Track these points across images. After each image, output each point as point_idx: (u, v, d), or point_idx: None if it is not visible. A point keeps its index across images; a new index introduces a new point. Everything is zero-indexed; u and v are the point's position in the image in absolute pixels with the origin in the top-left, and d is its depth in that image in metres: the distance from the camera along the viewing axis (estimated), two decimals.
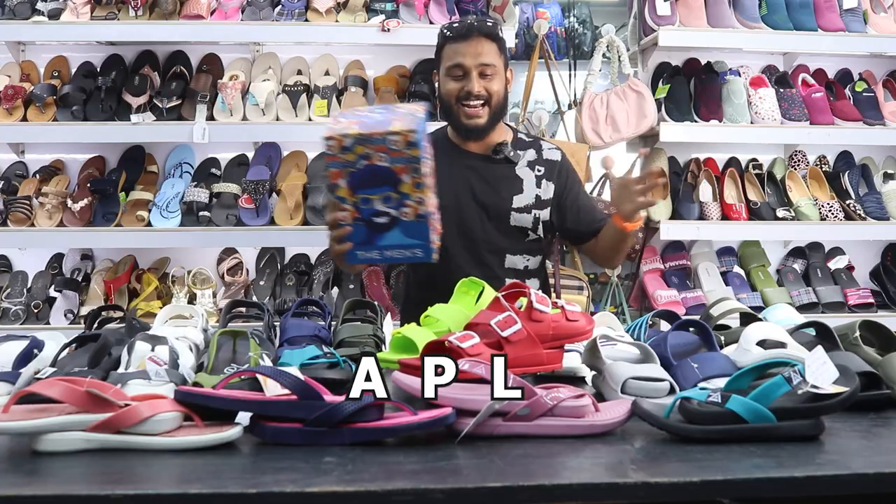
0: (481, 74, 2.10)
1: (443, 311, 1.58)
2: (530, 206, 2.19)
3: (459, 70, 2.11)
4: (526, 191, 2.20)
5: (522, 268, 2.22)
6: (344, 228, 1.73)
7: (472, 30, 2.12)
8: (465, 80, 2.11)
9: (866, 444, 1.18)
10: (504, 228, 2.18)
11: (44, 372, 1.37)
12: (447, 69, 2.14)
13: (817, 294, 3.25)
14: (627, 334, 1.71)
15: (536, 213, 2.20)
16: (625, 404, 1.25)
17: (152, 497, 0.97)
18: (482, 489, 1.00)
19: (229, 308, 1.84)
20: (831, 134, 3.23)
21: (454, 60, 2.12)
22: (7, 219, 2.97)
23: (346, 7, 3.08)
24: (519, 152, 2.23)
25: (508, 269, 2.20)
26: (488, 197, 2.18)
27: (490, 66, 2.11)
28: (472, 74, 2.10)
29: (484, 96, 2.11)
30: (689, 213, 3.17)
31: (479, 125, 2.13)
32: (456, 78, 2.13)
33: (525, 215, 2.19)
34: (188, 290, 3.06)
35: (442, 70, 2.17)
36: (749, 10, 3.24)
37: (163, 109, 3.03)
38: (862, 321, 1.57)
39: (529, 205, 2.19)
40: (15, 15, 3.01)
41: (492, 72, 2.11)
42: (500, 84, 2.14)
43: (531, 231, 2.20)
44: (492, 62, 2.11)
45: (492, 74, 2.11)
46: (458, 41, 2.12)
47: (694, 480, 1.02)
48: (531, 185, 2.20)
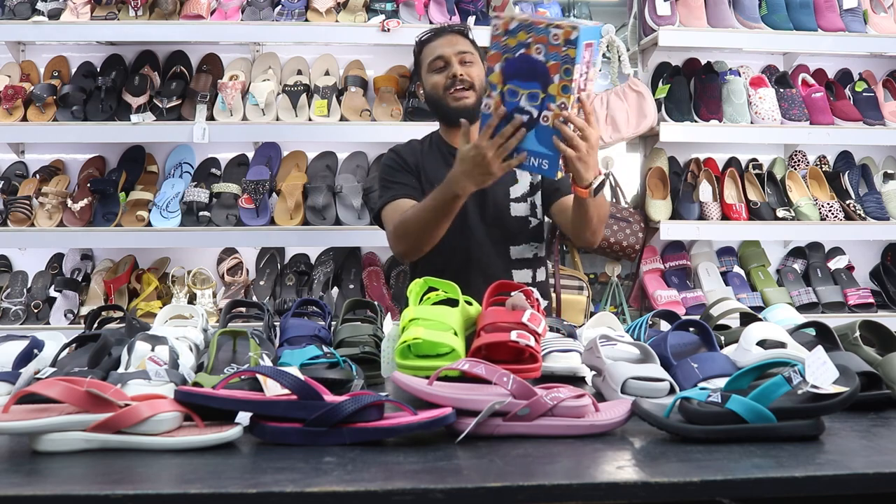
0: (462, 61, 2.16)
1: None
2: (525, 194, 2.23)
3: (440, 61, 2.17)
4: (521, 180, 2.24)
5: (532, 255, 2.25)
6: (493, 120, 1.66)
7: (443, 29, 2.24)
8: (447, 68, 2.16)
9: (866, 444, 1.17)
10: (505, 221, 2.22)
11: (44, 372, 1.37)
12: (429, 65, 2.20)
13: (817, 294, 3.25)
14: (627, 334, 1.71)
15: (531, 200, 2.24)
16: (625, 404, 1.25)
17: (152, 497, 0.97)
18: (482, 489, 1.00)
19: (229, 308, 1.84)
20: (831, 134, 3.23)
21: (434, 55, 2.19)
22: (7, 219, 2.97)
23: (346, 7, 3.08)
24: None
25: (518, 260, 2.23)
26: (486, 192, 2.19)
27: (468, 52, 2.18)
28: (453, 60, 2.16)
29: (468, 80, 2.16)
30: (689, 213, 3.17)
31: (468, 105, 2.16)
32: (438, 70, 2.18)
33: (522, 204, 2.23)
34: (188, 290, 3.06)
35: (424, 71, 2.23)
36: (749, 10, 3.24)
37: (163, 109, 3.03)
38: (862, 321, 1.57)
39: (525, 193, 2.23)
40: (15, 15, 3.02)
41: (471, 59, 2.18)
42: (479, 71, 2.19)
43: (531, 217, 2.24)
44: (468, 50, 2.18)
45: (471, 62, 2.18)
46: (433, 40, 2.21)
47: (694, 480, 1.02)
48: (524, 173, 2.23)
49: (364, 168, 3.23)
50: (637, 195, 3.36)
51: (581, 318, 2.79)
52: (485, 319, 1.52)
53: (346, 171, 3.18)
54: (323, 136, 3.10)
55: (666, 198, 3.21)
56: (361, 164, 3.23)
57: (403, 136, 2.82)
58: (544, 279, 2.31)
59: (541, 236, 2.28)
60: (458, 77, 2.14)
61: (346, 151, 3.28)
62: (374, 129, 3.05)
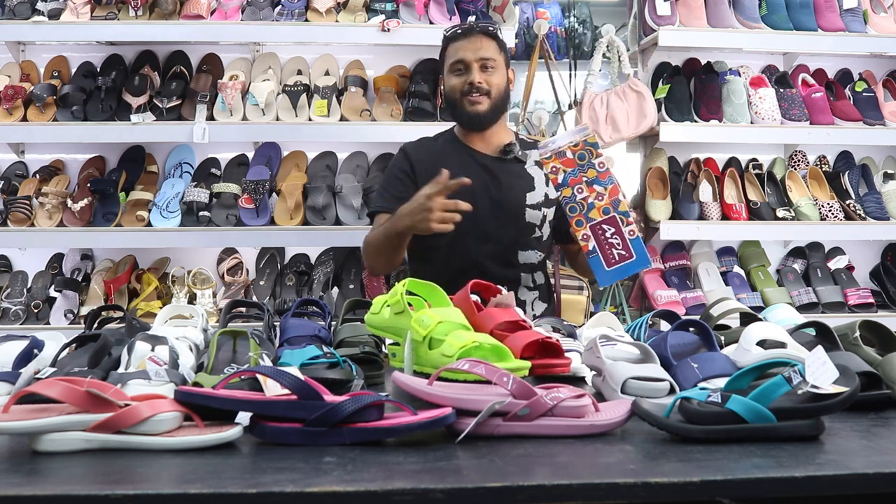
0: (482, 67, 2.18)
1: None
2: (540, 203, 2.25)
3: (461, 65, 2.20)
4: (537, 188, 2.26)
5: (537, 261, 2.28)
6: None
7: (471, 29, 2.23)
8: (466, 73, 2.19)
9: (866, 444, 1.17)
10: (519, 224, 2.23)
11: (44, 372, 1.36)
12: (450, 66, 2.22)
13: (817, 294, 3.25)
14: (627, 334, 1.71)
15: (544, 211, 2.26)
16: (625, 404, 1.25)
17: (152, 497, 0.97)
18: (482, 489, 1.00)
19: (229, 308, 1.84)
20: (831, 134, 3.23)
21: (456, 57, 2.20)
22: (7, 219, 2.97)
23: (346, 7, 3.08)
24: (526, 152, 2.28)
25: (524, 265, 2.25)
26: (503, 194, 2.22)
27: (490, 59, 2.19)
28: (474, 67, 2.17)
29: (485, 88, 2.18)
30: (689, 213, 3.17)
31: (480, 112, 2.19)
32: (458, 73, 2.20)
33: (536, 212, 2.25)
34: (188, 290, 3.06)
35: (445, 70, 2.25)
36: (749, 10, 3.24)
37: (163, 109, 3.03)
38: (862, 321, 1.57)
39: (540, 202, 2.25)
40: (15, 15, 3.01)
41: (492, 65, 2.19)
42: (500, 78, 2.20)
43: (538, 228, 2.25)
44: (491, 56, 2.19)
45: (492, 68, 2.19)
46: (459, 39, 2.21)
47: (694, 480, 1.02)
48: (541, 184, 2.27)
49: (364, 168, 3.23)
50: (637, 195, 3.36)
51: (581, 318, 2.80)
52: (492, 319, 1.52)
53: (346, 171, 3.18)
54: (323, 136, 3.10)
55: (666, 198, 3.21)
56: (361, 164, 3.23)
57: (403, 136, 2.83)
58: (544, 282, 2.32)
59: (544, 247, 2.30)
60: (476, 85, 2.16)
61: (346, 151, 3.28)
62: (374, 129, 3.05)
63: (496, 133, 2.28)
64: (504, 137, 2.30)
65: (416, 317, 1.45)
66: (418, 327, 1.42)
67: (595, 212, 1.77)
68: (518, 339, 1.43)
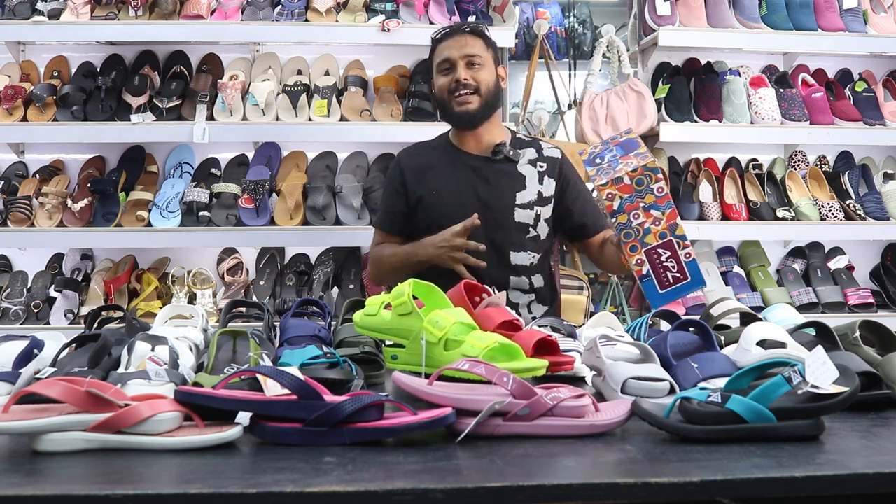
0: (468, 64, 2.18)
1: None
2: (532, 202, 2.22)
3: (447, 64, 2.20)
4: (529, 187, 2.23)
5: (528, 264, 2.23)
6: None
7: (456, 28, 2.24)
8: (453, 71, 2.18)
9: (866, 444, 1.17)
10: (509, 225, 2.21)
11: (44, 372, 1.36)
12: (437, 67, 2.23)
13: (817, 294, 3.25)
14: (627, 334, 1.71)
15: (538, 210, 2.22)
16: (625, 404, 1.25)
17: (152, 497, 0.97)
18: (482, 489, 1.00)
19: (229, 308, 1.84)
20: (831, 134, 3.23)
21: (441, 56, 2.21)
22: (7, 219, 2.97)
23: (346, 7, 3.08)
24: (519, 151, 2.27)
25: (516, 266, 2.22)
26: (491, 195, 2.20)
27: (475, 56, 2.18)
28: (459, 64, 2.17)
29: (472, 85, 2.17)
30: (689, 213, 3.17)
31: (470, 111, 2.18)
32: (445, 72, 2.20)
33: (528, 211, 2.22)
34: (188, 290, 3.06)
35: (434, 71, 2.25)
36: (749, 10, 3.24)
37: (163, 109, 3.03)
38: (862, 321, 1.57)
39: (532, 201, 2.22)
40: (15, 15, 3.01)
41: (479, 62, 2.19)
42: (488, 75, 2.20)
43: (533, 227, 2.22)
44: (477, 53, 2.19)
45: (479, 65, 2.19)
46: (445, 40, 2.22)
47: (694, 480, 1.01)
48: (534, 182, 2.24)
49: (364, 168, 3.23)
50: None
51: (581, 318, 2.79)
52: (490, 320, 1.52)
53: (346, 171, 3.18)
54: (323, 136, 3.10)
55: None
56: (361, 164, 3.24)
57: (403, 136, 2.83)
58: (543, 285, 2.27)
59: (541, 248, 2.26)
60: (462, 82, 2.15)
61: (346, 151, 3.28)
62: (374, 129, 3.05)
63: (489, 131, 2.25)
64: (497, 136, 2.27)
65: (430, 318, 1.43)
66: (434, 329, 1.41)
67: (651, 237, 1.71)
68: (524, 338, 1.44)
